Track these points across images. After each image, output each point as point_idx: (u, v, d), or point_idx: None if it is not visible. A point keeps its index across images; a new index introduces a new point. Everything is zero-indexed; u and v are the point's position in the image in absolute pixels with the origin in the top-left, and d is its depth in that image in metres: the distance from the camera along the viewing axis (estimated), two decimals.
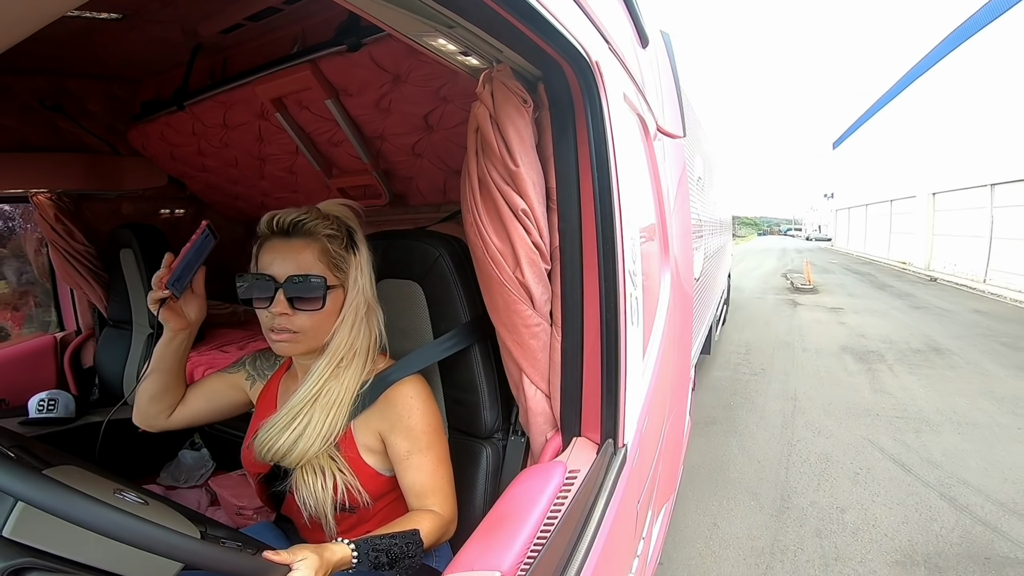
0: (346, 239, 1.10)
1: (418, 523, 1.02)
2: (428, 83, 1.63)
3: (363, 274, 1.10)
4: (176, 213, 3.00)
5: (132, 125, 2.40)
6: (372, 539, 0.94)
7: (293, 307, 1.04)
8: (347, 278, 1.09)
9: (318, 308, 1.05)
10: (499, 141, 0.95)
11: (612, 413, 1.08)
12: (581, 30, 0.93)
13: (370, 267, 1.12)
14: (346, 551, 0.90)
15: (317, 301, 1.05)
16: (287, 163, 2.29)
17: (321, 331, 1.08)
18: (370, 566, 0.92)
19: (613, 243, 1.04)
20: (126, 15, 1.70)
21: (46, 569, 0.67)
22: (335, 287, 1.08)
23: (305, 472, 1.07)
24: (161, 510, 0.84)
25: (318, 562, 0.84)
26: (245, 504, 2.07)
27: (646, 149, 1.63)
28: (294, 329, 1.06)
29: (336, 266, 1.08)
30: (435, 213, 2.24)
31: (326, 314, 1.07)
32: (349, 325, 1.08)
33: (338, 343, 1.08)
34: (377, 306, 1.13)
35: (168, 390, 1.21)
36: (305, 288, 1.04)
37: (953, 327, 8.56)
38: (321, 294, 1.05)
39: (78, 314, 2.80)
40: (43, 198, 2.45)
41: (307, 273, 1.04)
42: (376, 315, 1.13)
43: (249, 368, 1.30)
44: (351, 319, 1.08)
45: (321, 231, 1.07)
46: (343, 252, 1.09)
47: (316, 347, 1.09)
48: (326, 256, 1.07)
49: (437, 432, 1.11)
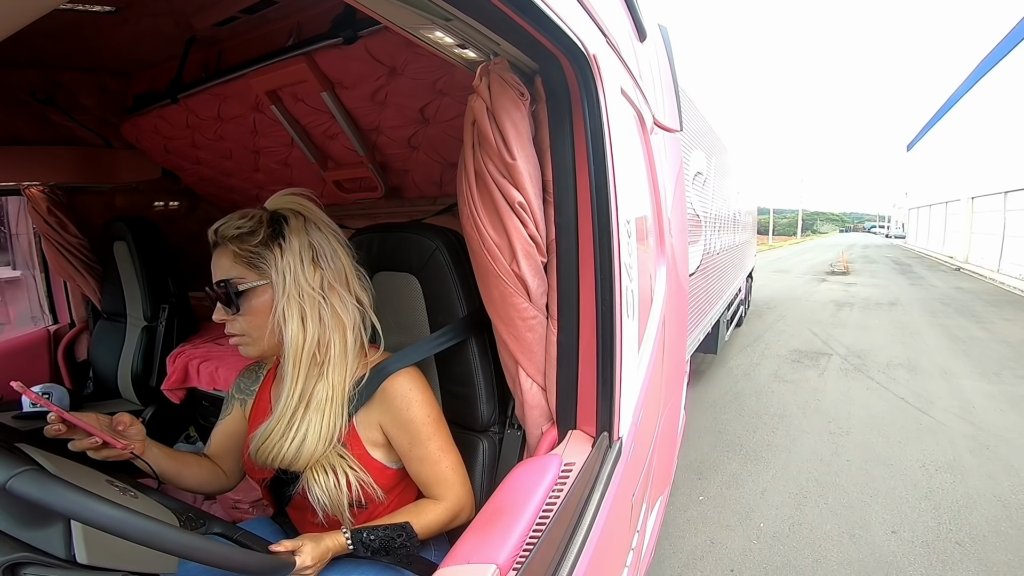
0: (266, 234, 1.04)
1: (418, 513, 1.06)
2: (424, 76, 1.62)
3: (294, 265, 1.04)
4: (170, 206, 2.99)
5: (125, 118, 2.38)
6: (366, 528, 1.01)
7: (228, 312, 1.07)
8: (270, 273, 1.04)
9: (236, 312, 1.05)
10: (495, 134, 0.94)
11: (607, 406, 1.08)
12: (578, 23, 0.92)
13: (313, 255, 1.06)
14: (341, 538, 0.99)
15: (235, 305, 1.05)
16: (282, 156, 2.28)
17: (261, 330, 1.06)
18: (364, 551, 0.99)
19: (609, 236, 1.04)
20: (119, 8, 1.68)
21: (43, 564, 0.67)
22: (257, 285, 1.04)
23: (315, 473, 1.06)
24: (152, 505, 0.84)
25: (316, 548, 0.94)
26: (241, 498, 2.07)
27: (643, 143, 1.63)
28: (237, 332, 1.08)
29: (252, 264, 1.04)
30: (431, 206, 2.23)
31: (256, 313, 1.05)
32: (296, 319, 1.03)
33: (293, 340, 1.04)
34: (338, 295, 1.07)
35: (196, 473, 1.20)
36: (226, 293, 1.04)
37: (924, 295, 11.95)
38: (235, 297, 1.04)
39: (71, 307, 2.79)
40: (36, 191, 2.43)
41: (225, 278, 1.04)
42: (341, 305, 1.07)
43: (237, 396, 1.28)
44: (293, 313, 1.03)
45: (230, 233, 1.04)
46: (257, 248, 1.04)
47: (269, 346, 1.08)
48: (239, 257, 1.04)
49: (437, 422, 1.10)
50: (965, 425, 4.19)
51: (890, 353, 6.61)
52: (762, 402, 4.79)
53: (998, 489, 3.20)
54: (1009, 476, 3.36)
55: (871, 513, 2.97)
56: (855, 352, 6.65)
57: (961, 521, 2.87)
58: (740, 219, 7.16)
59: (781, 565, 2.54)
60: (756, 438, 3.99)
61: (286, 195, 1.11)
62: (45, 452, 0.80)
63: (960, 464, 3.54)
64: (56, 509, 0.64)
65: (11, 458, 0.68)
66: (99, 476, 0.86)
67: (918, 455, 3.68)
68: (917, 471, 3.46)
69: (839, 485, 3.29)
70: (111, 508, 0.67)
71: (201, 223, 3.01)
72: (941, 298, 11.40)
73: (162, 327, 2.52)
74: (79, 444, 0.91)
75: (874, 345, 7.05)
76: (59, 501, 0.64)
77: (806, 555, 2.61)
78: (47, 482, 0.65)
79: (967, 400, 4.79)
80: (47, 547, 0.69)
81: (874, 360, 6.26)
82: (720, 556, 2.62)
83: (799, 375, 5.66)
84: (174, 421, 2.52)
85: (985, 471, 3.43)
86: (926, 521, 2.88)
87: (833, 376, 5.63)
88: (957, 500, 3.09)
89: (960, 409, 4.56)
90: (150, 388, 2.49)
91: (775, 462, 3.59)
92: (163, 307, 2.53)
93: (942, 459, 3.62)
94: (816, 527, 2.84)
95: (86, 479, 0.78)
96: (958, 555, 2.59)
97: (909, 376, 5.59)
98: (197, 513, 0.98)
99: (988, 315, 9.29)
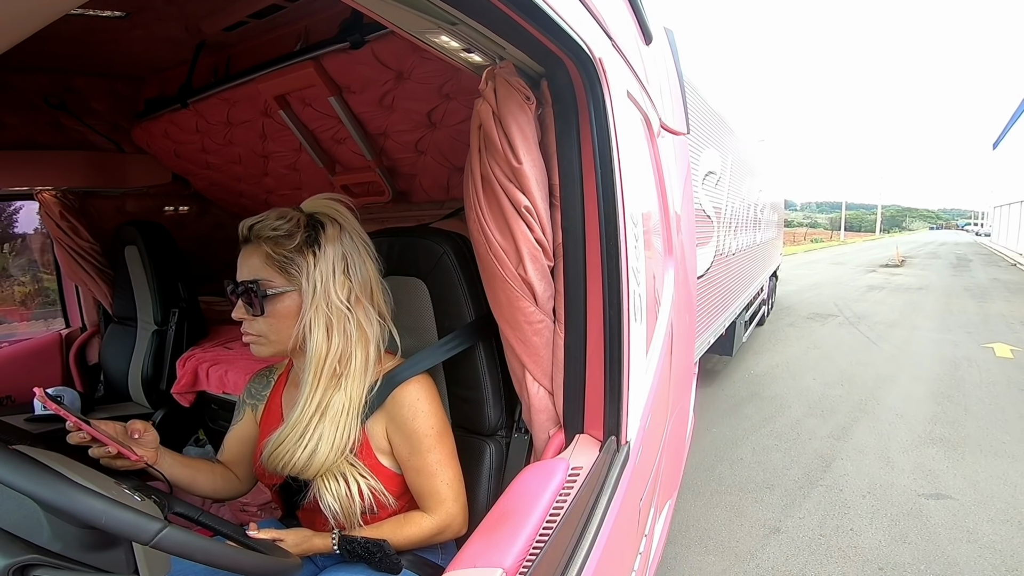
0: (301, 240, 1.04)
1: (402, 527, 1.08)
2: (431, 80, 1.63)
3: (325, 275, 1.03)
4: (180, 210, 3.01)
5: (136, 123, 2.40)
6: (352, 537, 1.04)
7: (249, 312, 1.06)
8: (300, 280, 1.04)
9: (259, 314, 1.05)
10: (502, 138, 0.94)
11: (615, 410, 1.07)
12: (584, 27, 0.92)
13: (346, 266, 1.06)
14: (328, 540, 1.05)
15: (259, 307, 1.04)
16: (291, 160, 2.29)
17: (281, 334, 1.06)
18: (349, 557, 1.04)
19: (616, 240, 1.03)
20: (129, 13, 1.70)
21: (51, 566, 0.67)
22: (286, 291, 1.04)
23: (327, 480, 1.05)
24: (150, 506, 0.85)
25: (301, 536, 1.04)
26: (249, 500, 2.08)
27: (649, 146, 1.63)
28: (254, 332, 1.07)
29: (283, 269, 1.04)
30: (438, 210, 2.23)
31: (280, 318, 1.05)
32: (322, 330, 1.03)
33: (317, 350, 1.03)
34: (363, 308, 1.07)
35: (210, 480, 1.21)
36: (251, 294, 1.04)
37: (956, 284, 13.41)
38: (260, 300, 1.04)
39: (83, 311, 2.82)
40: (48, 196, 2.46)
41: (253, 278, 1.04)
42: (366, 318, 1.07)
43: (248, 401, 1.28)
44: (319, 323, 1.03)
45: (266, 234, 1.04)
46: (291, 254, 1.03)
47: (283, 349, 1.08)
48: (272, 259, 1.04)
49: (440, 435, 1.09)
50: (893, 349, 6.67)
51: (884, 317, 8.73)
52: (775, 336, 7.38)
53: (888, 369, 5.76)
54: (899, 365, 5.92)
55: (807, 379, 5.44)
56: (857, 316, 8.79)
57: (856, 381, 5.34)
58: (762, 217, 6.91)
59: (751, 395, 4.96)
60: (767, 347, 6.75)
61: (324, 199, 1.10)
62: (47, 452, 0.81)
63: (875, 362, 6.05)
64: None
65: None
66: (107, 480, 0.86)
67: (854, 358, 6.26)
68: (846, 364, 5.99)
69: (797, 365, 5.95)
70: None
71: (211, 227, 3.04)
72: (969, 286, 12.88)
73: (172, 331, 2.54)
74: (95, 452, 0.94)
75: (876, 312, 9.10)
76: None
77: (769, 390, 5.10)
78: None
79: (909, 340, 7.15)
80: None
81: (868, 320, 8.38)
82: (725, 380, 5.36)
83: (806, 325, 8.14)
84: (184, 424, 2.53)
85: (888, 366, 5.91)
86: (839, 381, 5.34)
87: (830, 326, 8.04)
88: (865, 375, 5.54)
89: (899, 343, 6.98)
90: (160, 391, 2.51)
91: (771, 353, 6.51)
92: (173, 311, 2.54)
93: (865, 360, 6.16)
94: (774, 383, 5.32)
95: (77, 473, 0.79)
96: (848, 389, 5.10)
97: (885, 329, 7.82)
98: (159, 494, 0.97)
99: (995, 297, 10.85)
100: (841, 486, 3.23)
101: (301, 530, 1.07)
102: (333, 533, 1.05)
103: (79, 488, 0.66)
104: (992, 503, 3.00)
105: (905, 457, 3.62)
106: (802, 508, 2.98)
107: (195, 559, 0.69)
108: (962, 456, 3.62)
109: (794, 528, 2.78)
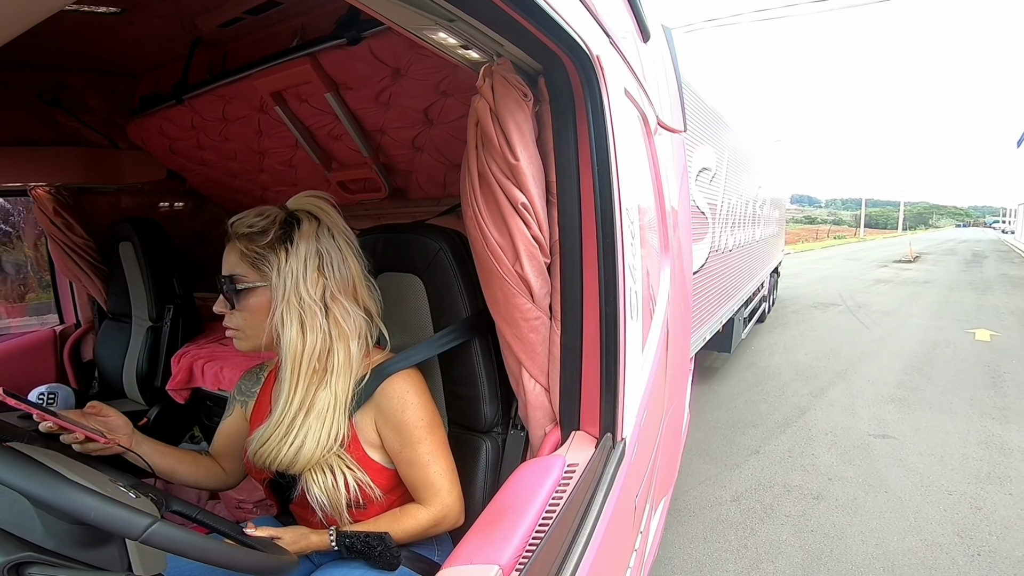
0: (274, 236, 1.04)
1: (400, 520, 1.08)
2: (428, 77, 1.62)
3: (296, 271, 1.03)
4: (176, 207, 3.00)
5: (131, 119, 2.39)
6: (350, 532, 1.05)
7: (226, 306, 1.10)
8: (271, 276, 1.04)
9: (230, 308, 1.08)
10: (499, 135, 0.94)
11: (611, 407, 1.08)
12: (582, 24, 0.92)
13: (320, 263, 1.05)
14: (326, 537, 1.05)
15: (232, 301, 1.08)
16: (287, 157, 2.29)
17: (255, 328, 1.08)
18: (348, 554, 1.05)
19: (613, 237, 1.04)
20: (124, 9, 1.69)
21: (46, 563, 0.67)
22: (257, 286, 1.06)
23: (315, 473, 1.06)
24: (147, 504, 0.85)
25: (298, 533, 1.05)
26: (244, 498, 2.08)
27: (647, 143, 1.63)
28: (233, 326, 1.10)
29: (255, 265, 1.05)
30: (435, 207, 2.23)
31: (252, 312, 1.07)
32: (295, 325, 1.03)
33: (292, 346, 1.03)
34: (341, 306, 1.06)
35: (192, 470, 1.21)
36: (228, 288, 1.07)
37: (963, 278, 13.78)
38: (233, 294, 1.07)
39: (78, 307, 2.81)
40: (42, 192, 2.44)
41: (230, 273, 1.07)
42: (344, 315, 1.06)
43: (238, 397, 1.29)
44: (291, 319, 1.03)
45: (241, 231, 1.05)
46: (263, 250, 1.04)
47: (259, 344, 1.09)
48: (245, 256, 1.05)
49: (430, 426, 1.09)
50: (883, 332, 7.25)
51: (883, 307, 9.18)
52: (778, 321, 7.97)
53: (873, 348, 6.35)
54: (883, 345, 6.53)
55: (800, 353, 6.13)
56: (858, 305, 9.32)
57: (841, 356, 6.03)
58: (761, 214, 6.84)
59: (748, 364, 5.72)
60: (767, 330, 7.35)
61: (307, 196, 1.11)
62: (44, 449, 0.81)
63: (863, 343, 6.66)
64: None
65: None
66: (100, 474, 0.86)
67: (844, 339, 6.84)
68: (837, 343, 6.65)
69: (793, 343, 6.63)
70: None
71: (206, 224, 3.04)
72: (975, 280, 13.39)
73: (167, 327, 2.53)
74: (65, 439, 0.96)
75: (877, 302, 9.60)
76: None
77: (765, 361, 5.87)
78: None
79: (900, 325, 7.65)
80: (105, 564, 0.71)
81: (867, 309, 8.89)
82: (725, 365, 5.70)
83: (808, 312, 8.67)
84: (179, 421, 2.52)
85: (874, 345, 6.52)
86: (826, 356, 6.04)
87: (831, 313, 8.62)
88: (851, 352, 6.19)
89: (890, 328, 7.50)
90: (155, 388, 2.50)
91: (771, 335, 7.11)
92: (168, 307, 2.53)
93: (855, 340, 6.78)
94: (771, 356, 6.08)
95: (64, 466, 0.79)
96: (832, 362, 5.78)
97: (881, 315, 8.35)
98: (156, 492, 0.97)
99: (996, 291, 11.32)
100: (810, 427, 4.07)
101: (298, 528, 1.08)
102: (331, 530, 1.06)
103: (68, 483, 0.66)
104: (925, 443, 3.78)
105: (867, 410, 4.41)
106: (778, 440, 3.87)
107: (187, 555, 0.70)
108: (913, 411, 4.37)
109: (770, 451, 3.69)
